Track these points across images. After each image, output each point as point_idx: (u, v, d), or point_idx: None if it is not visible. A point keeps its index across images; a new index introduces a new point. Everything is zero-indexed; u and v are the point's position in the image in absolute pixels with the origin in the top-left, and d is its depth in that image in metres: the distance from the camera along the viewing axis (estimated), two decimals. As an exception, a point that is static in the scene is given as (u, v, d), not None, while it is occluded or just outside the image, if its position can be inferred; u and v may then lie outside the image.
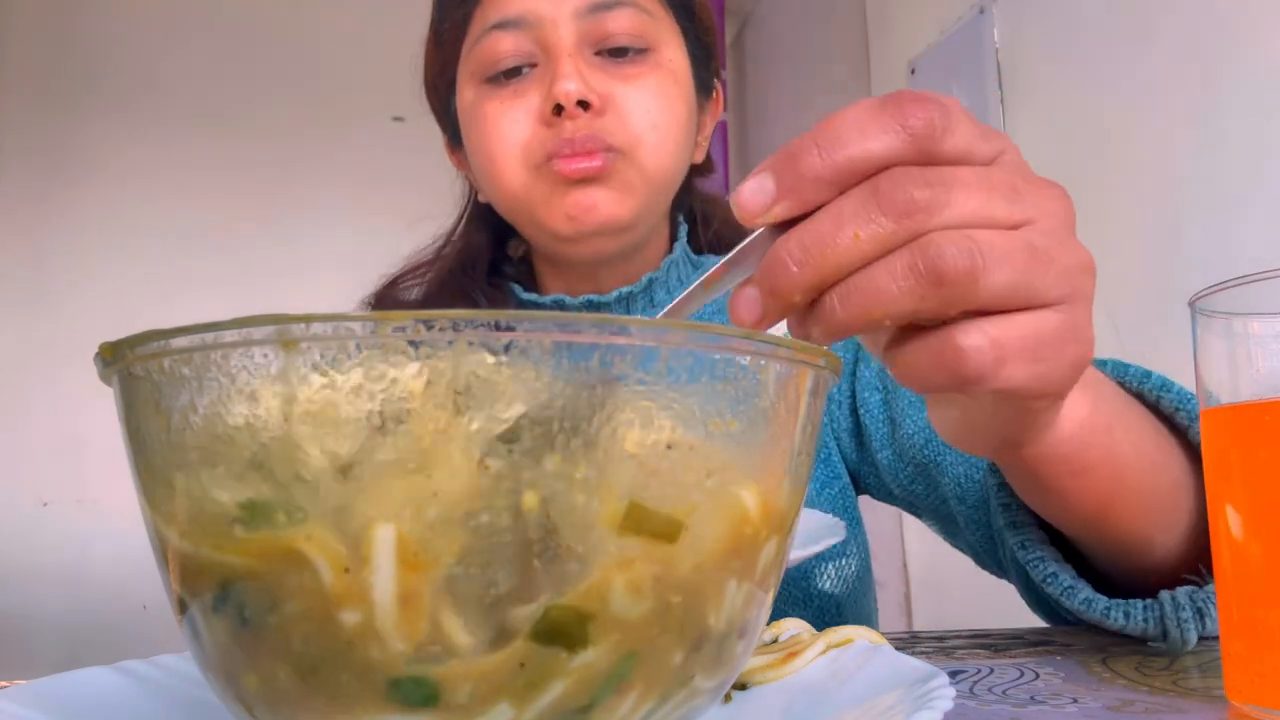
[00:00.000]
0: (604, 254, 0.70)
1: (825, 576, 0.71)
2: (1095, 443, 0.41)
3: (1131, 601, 0.47)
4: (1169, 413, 0.48)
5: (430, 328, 0.22)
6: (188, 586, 0.25)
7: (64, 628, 1.91)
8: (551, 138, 0.65)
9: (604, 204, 0.66)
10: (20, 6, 2.11)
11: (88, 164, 2.10)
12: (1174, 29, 1.20)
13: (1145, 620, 0.46)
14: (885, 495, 0.73)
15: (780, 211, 0.29)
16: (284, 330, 0.22)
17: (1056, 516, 0.46)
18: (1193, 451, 0.48)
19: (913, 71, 1.77)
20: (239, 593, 0.24)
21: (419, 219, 0.82)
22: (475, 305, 0.76)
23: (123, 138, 2.11)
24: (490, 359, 0.22)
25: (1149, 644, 0.49)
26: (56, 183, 2.08)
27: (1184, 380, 0.47)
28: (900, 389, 0.68)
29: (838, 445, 0.74)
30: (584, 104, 0.64)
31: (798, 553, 0.49)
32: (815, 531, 0.57)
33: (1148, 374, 0.49)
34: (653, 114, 0.66)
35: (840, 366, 0.29)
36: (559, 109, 0.64)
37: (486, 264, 0.78)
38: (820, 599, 0.71)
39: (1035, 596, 0.58)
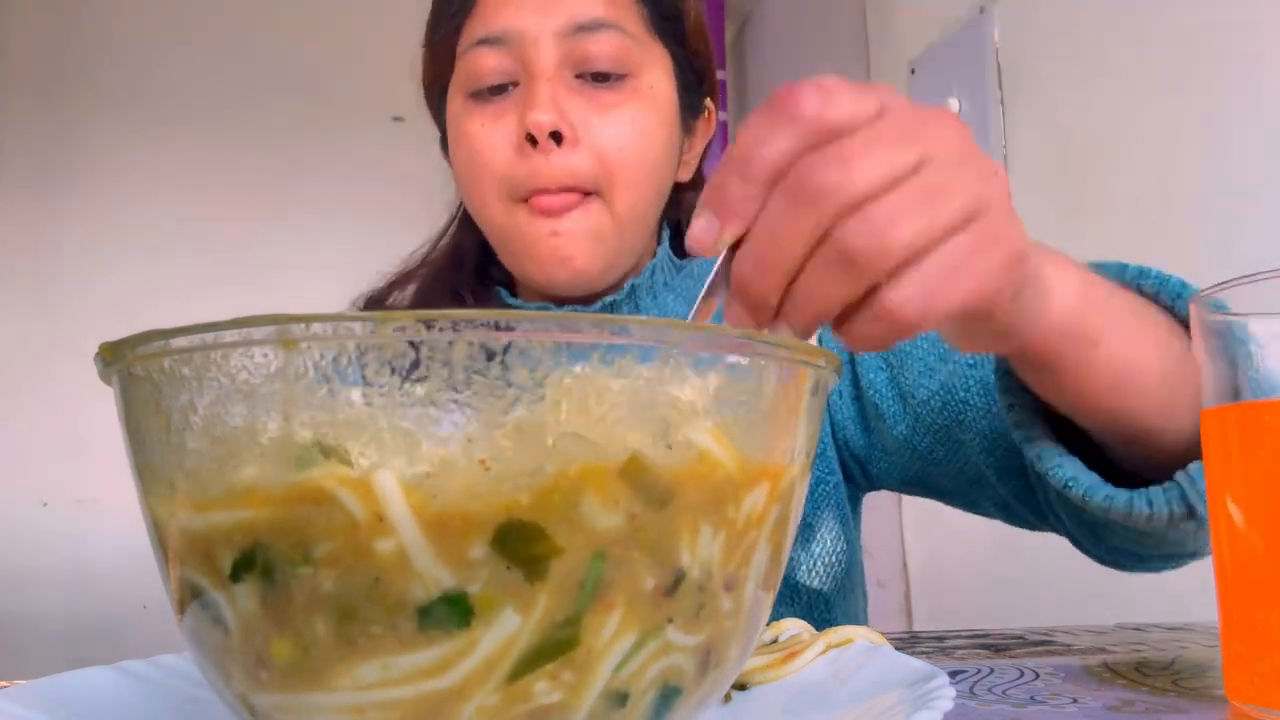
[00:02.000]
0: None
1: (814, 574, 0.72)
2: (1097, 310, 0.42)
3: (1151, 489, 0.46)
4: (1152, 294, 0.49)
5: (430, 328, 0.22)
6: (200, 568, 0.25)
7: (64, 628, 1.91)
8: (526, 172, 0.66)
9: (579, 256, 0.67)
10: (20, 6, 2.11)
11: (88, 164, 2.09)
12: (1175, 29, 1.20)
13: (1168, 502, 0.45)
14: (893, 477, 0.72)
15: (728, 236, 0.32)
16: (284, 330, 0.22)
17: (1073, 403, 0.46)
18: (1183, 331, 0.48)
19: (913, 71, 1.76)
20: (264, 552, 0.23)
21: (418, 219, 0.82)
22: (463, 302, 0.77)
23: (123, 138, 2.10)
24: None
25: (1179, 528, 0.47)
26: (56, 182, 2.08)
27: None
28: (905, 361, 0.68)
29: (839, 438, 0.74)
30: (556, 136, 0.64)
31: None
32: None
33: (1124, 265, 0.50)
34: (626, 150, 0.67)
35: (840, 365, 0.29)
36: (533, 139, 0.65)
37: (474, 263, 0.79)
38: (808, 595, 0.71)
39: (1083, 531, 0.56)
